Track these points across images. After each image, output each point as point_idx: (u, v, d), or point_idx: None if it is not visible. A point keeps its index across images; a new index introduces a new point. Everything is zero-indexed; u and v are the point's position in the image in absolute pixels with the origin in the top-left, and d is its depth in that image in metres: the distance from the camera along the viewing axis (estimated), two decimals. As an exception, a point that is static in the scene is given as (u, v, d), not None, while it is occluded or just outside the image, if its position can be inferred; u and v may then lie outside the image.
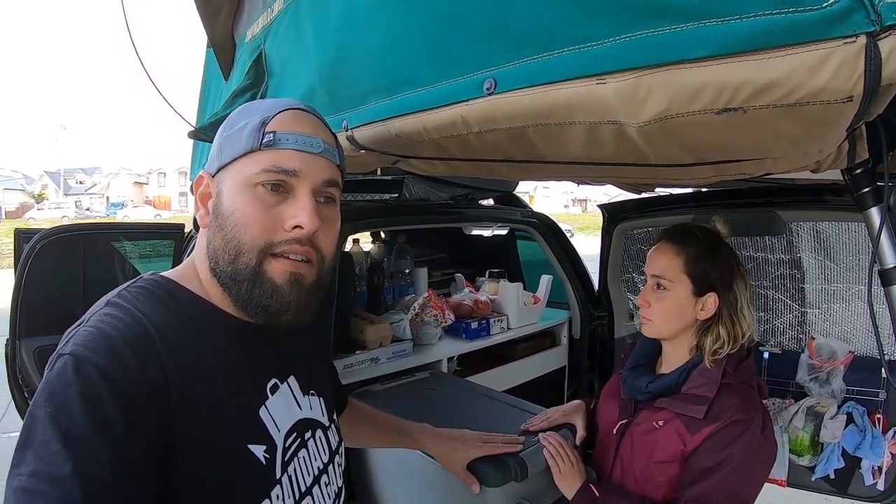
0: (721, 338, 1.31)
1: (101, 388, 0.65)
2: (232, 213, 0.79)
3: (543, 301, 2.83)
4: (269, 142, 0.79)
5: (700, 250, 1.34)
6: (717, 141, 0.68)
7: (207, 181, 0.86)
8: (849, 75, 0.50)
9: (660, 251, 1.38)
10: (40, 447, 0.61)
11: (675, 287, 1.33)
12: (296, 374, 0.94)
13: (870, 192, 0.96)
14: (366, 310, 2.51)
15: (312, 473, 0.90)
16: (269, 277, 0.80)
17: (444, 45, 0.90)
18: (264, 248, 0.79)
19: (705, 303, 1.33)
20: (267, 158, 0.79)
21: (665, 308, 1.35)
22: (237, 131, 0.82)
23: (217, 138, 0.86)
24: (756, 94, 0.55)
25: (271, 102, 0.86)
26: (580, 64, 0.67)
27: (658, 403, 1.35)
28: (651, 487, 1.33)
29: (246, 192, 0.79)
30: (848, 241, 1.93)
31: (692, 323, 1.35)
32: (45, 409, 0.63)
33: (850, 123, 0.63)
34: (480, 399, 1.93)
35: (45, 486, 0.59)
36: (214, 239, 0.82)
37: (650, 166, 0.87)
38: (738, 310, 1.33)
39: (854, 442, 1.89)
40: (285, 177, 0.80)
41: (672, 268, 1.34)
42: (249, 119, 0.82)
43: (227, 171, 0.82)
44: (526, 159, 0.99)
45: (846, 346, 1.96)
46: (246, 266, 0.79)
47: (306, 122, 0.84)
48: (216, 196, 0.83)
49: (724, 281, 1.33)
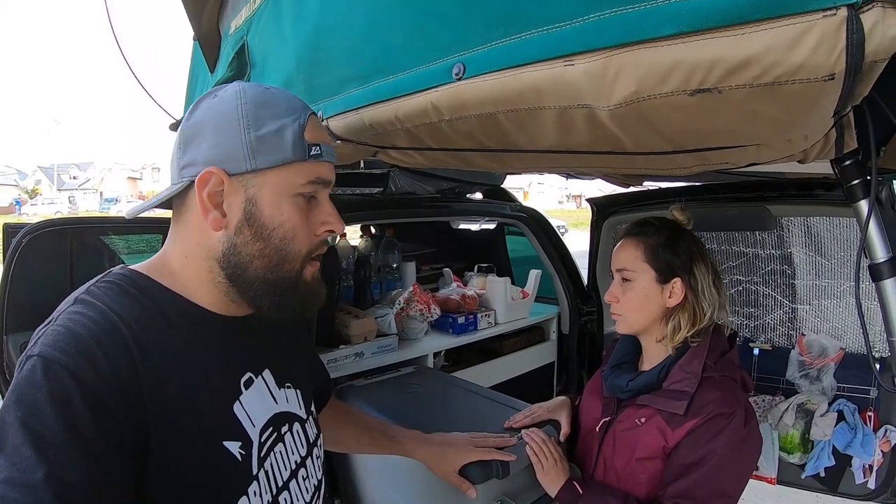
0: (687, 315, 1.32)
1: (71, 391, 0.63)
2: (279, 224, 0.80)
3: (532, 296, 2.82)
4: (316, 154, 0.81)
5: (658, 238, 1.35)
6: (692, 125, 0.64)
7: (222, 179, 0.78)
8: (829, 51, 0.47)
9: (621, 246, 1.40)
10: (11, 452, 0.60)
11: (638, 277, 1.34)
12: (271, 368, 0.92)
13: (859, 185, 0.93)
14: (352, 304, 2.49)
15: (290, 468, 0.90)
16: (305, 280, 0.85)
17: (417, 30, 0.87)
18: (307, 255, 0.84)
19: (672, 289, 1.33)
20: (312, 170, 0.82)
21: (631, 299, 1.35)
22: (274, 135, 0.78)
23: (234, 135, 0.78)
24: (730, 72, 0.51)
25: (289, 100, 0.84)
26: (548, 45, 0.64)
27: (640, 400, 1.33)
28: (633, 485, 1.31)
29: (291, 202, 0.81)
30: (839, 237, 1.92)
31: (662, 312, 1.35)
32: (15, 413, 0.62)
33: (836, 107, 0.59)
34: (464, 394, 1.92)
35: (18, 493, 0.58)
36: (247, 247, 0.80)
37: (628, 155, 0.84)
38: (701, 290, 1.33)
39: (845, 440, 1.89)
40: (324, 187, 0.85)
41: (633, 259, 1.35)
42: (282, 121, 0.79)
43: (264, 176, 0.79)
44: (501, 148, 0.95)
45: (837, 343, 1.95)
46: (290, 273, 0.83)
47: (324, 130, 0.89)
48: (248, 202, 0.79)
49: (686, 265, 1.34)
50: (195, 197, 0.79)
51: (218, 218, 0.80)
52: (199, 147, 0.80)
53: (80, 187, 60.49)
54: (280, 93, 0.84)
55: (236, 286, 0.82)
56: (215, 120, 0.80)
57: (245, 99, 0.80)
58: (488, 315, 2.67)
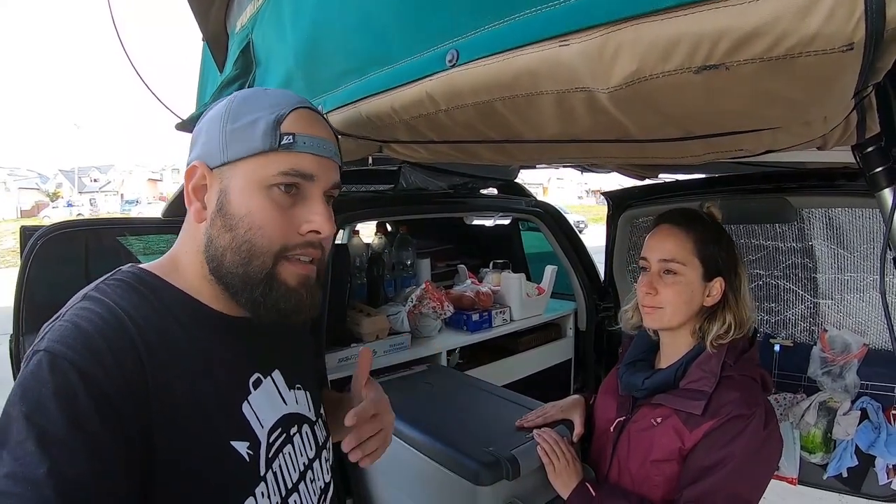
0: (728, 322, 1.26)
1: (76, 386, 0.63)
2: (245, 214, 0.78)
3: (548, 292, 2.78)
4: (287, 143, 0.78)
5: (707, 233, 1.29)
6: (701, 107, 0.59)
7: (203, 173, 0.81)
8: (847, 17, 0.42)
9: (665, 235, 1.32)
10: (15, 447, 0.60)
11: (686, 271, 1.27)
12: (280, 368, 0.91)
13: (883, 172, 0.88)
14: (365, 302, 2.47)
15: (298, 469, 0.88)
16: (283, 280, 0.80)
17: (410, 18, 0.85)
18: (280, 251, 0.79)
19: (712, 288, 1.28)
20: (285, 160, 0.78)
21: (677, 293, 1.28)
22: (247, 126, 0.79)
23: (216, 130, 0.81)
24: (737, 46, 0.46)
25: (278, 96, 0.82)
26: (541, 26, 0.60)
27: (656, 399, 1.29)
28: (648, 487, 1.27)
29: (261, 193, 0.78)
30: (862, 229, 1.86)
31: (698, 310, 1.30)
32: (20, 408, 0.62)
33: (857, 85, 0.54)
34: (477, 393, 1.90)
35: (20, 488, 0.57)
36: (219, 239, 0.80)
37: (636, 143, 0.80)
38: (741, 294, 1.28)
39: (868, 439, 1.84)
40: (302, 180, 0.80)
41: (683, 250, 1.28)
42: (259, 114, 0.79)
43: (234, 168, 0.79)
44: (503, 139, 0.92)
45: (860, 339, 1.89)
46: (260, 270, 0.79)
47: (318, 124, 0.83)
48: (221, 193, 0.80)
49: (731, 265, 1.29)
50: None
51: (199, 209, 0.81)
52: (196, 146, 0.83)
53: (101, 189, 61.36)
54: (276, 91, 0.84)
55: (218, 281, 0.81)
56: (210, 120, 0.83)
57: (236, 98, 0.82)
58: (503, 312, 2.64)
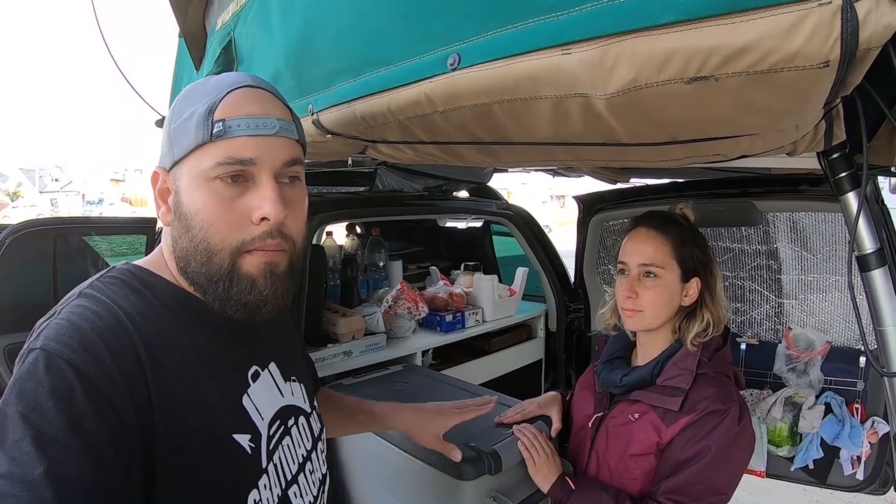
0: (707, 320, 1.30)
1: (73, 385, 0.62)
2: (195, 213, 0.75)
3: (519, 294, 2.82)
4: (219, 132, 0.74)
5: (683, 235, 1.32)
6: (689, 114, 0.64)
7: (163, 177, 0.80)
8: (824, 38, 0.47)
9: (643, 238, 1.34)
10: (12, 447, 0.59)
11: (665, 273, 1.30)
12: (276, 361, 0.91)
13: (847, 177, 0.95)
14: (339, 303, 2.47)
15: (297, 461, 0.88)
16: (246, 272, 0.77)
17: (411, 20, 0.86)
18: (237, 248, 0.76)
19: (689, 288, 1.31)
20: (219, 150, 0.74)
21: (657, 295, 1.30)
22: (184, 122, 0.76)
23: (165, 130, 0.80)
24: (727, 60, 0.51)
25: (216, 82, 0.79)
26: (545, 34, 0.63)
27: (633, 396, 1.32)
28: (626, 480, 1.31)
29: (204, 188, 0.75)
30: (825, 231, 1.95)
31: (677, 311, 1.33)
32: (16, 408, 0.60)
33: (828, 97, 0.60)
34: (453, 391, 1.92)
35: (17, 489, 0.56)
36: (181, 240, 0.78)
37: (621, 146, 0.84)
38: (717, 293, 1.33)
39: (833, 432, 1.91)
40: (242, 167, 0.75)
41: (661, 253, 1.30)
42: (195, 106, 0.76)
43: (181, 167, 0.77)
44: (492, 141, 0.95)
45: (823, 337, 1.98)
46: (220, 267, 0.76)
47: (256, 100, 0.77)
48: (174, 194, 0.78)
49: (706, 265, 1.32)
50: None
51: (165, 213, 0.80)
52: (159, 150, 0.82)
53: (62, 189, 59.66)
54: (218, 78, 0.80)
55: (188, 280, 0.80)
56: (165, 122, 0.81)
57: (181, 94, 0.80)
58: (476, 313, 2.66)
